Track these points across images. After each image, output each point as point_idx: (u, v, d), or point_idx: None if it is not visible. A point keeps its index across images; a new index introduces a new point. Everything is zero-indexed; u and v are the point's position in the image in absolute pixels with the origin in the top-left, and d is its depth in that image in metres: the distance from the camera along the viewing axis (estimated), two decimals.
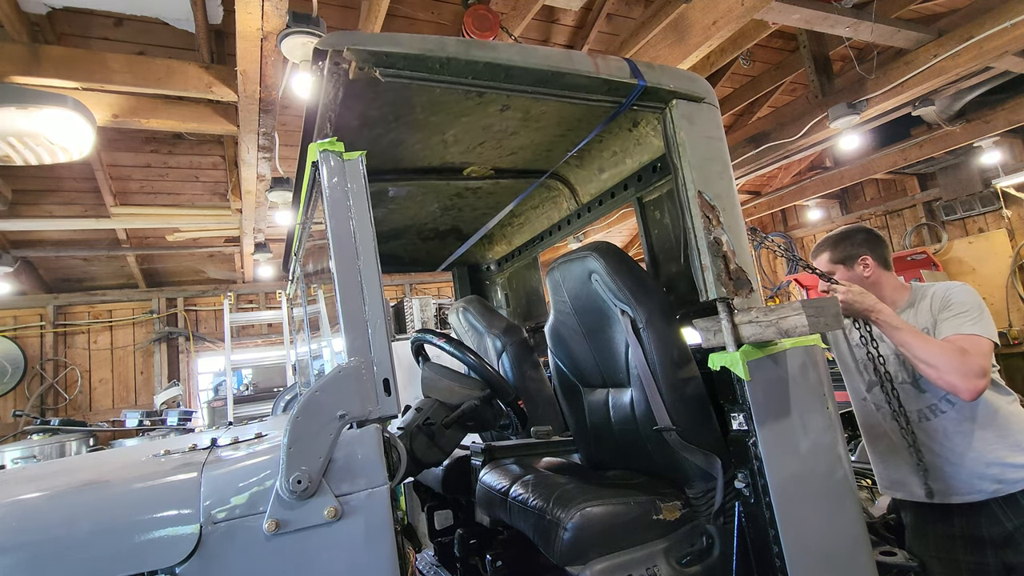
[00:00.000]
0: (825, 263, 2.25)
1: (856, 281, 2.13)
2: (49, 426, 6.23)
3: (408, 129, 2.01)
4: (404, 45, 1.45)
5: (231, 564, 1.25)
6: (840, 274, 2.20)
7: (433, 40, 1.48)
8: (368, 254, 1.40)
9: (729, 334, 1.65)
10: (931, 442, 2.04)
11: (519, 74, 1.59)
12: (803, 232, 9.85)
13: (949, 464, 2.01)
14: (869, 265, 2.18)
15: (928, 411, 2.05)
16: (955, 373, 1.82)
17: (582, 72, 1.64)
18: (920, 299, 2.12)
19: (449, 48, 1.49)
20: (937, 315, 2.03)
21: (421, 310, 6.22)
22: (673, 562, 1.72)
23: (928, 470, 2.03)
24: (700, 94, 1.81)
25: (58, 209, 6.19)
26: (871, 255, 2.19)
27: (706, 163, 1.74)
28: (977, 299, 2.01)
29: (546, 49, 1.65)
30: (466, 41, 1.53)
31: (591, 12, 5.17)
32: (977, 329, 1.92)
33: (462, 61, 1.50)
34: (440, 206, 2.84)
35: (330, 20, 3.83)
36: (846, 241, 2.24)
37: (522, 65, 1.57)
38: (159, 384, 7.71)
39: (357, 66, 1.41)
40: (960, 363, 1.83)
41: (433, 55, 1.47)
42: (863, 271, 2.18)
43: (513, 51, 1.57)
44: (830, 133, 5.72)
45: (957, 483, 2.00)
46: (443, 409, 1.87)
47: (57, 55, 3.61)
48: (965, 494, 1.98)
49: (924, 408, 2.06)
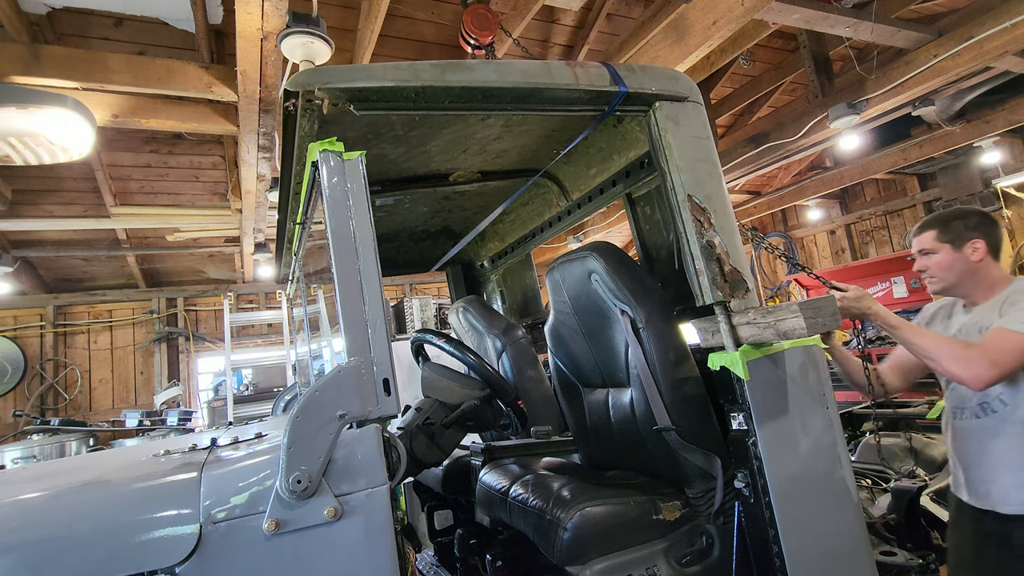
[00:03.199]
0: (931, 240, 2.11)
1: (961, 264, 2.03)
2: (49, 426, 6.23)
3: (389, 144, 2.00)
4: (377, 78, 1.43)
5: (231, 564, 1.25)
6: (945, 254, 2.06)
7: (406, 68, 1.46)
8: (368, 254, 1.40)
9: (727, 336, 1.65)
10: (980, 440, 1.96)
11: (497, 94, 1.57)
12: (803, 232, 9.85)
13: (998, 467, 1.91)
14: (979, 249, 2.03)
15: (979, 409, 1.97)
16: (955, 363, 1.78)
17: (561, 85, 1.62)
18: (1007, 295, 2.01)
19: (423, 75, 1.46)
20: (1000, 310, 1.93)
21: (421, 310, 6.22)
22: (673, 562, 1.72)
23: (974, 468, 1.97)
24: (683, 93, 1.78)
25: (58, 209, 6.19)
26: (985, 240, 2.04)
27: (694, 164, 1.73)
28: None
29: (523, 63, 1.62)
30: (441, 65, 1.50)
31: (591, 12, 5.17)
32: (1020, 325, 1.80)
33: (437, 88, 1.48)
34: (430, 209, 2.84)
35: (330, 20, 3.83)
36: (959, 221, 2.09)
37: (499, 85, 1.55)
38: (159, 384, 7.71)
39: (331, 103, 1.40)
40: (961, 354, 1.78)
41: (408, 85, 1.45)
42: (972, 254, 2.03)
43: (489, 70, 1.55)
44: (830, 133, 5.72)
45: (996, 489, 1.91)
46: (443, 409, 1.87)
47: (57, 55, 3.61)
48: (998, 503, 1.90)
49: (976, 405, 1.97)
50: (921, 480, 2.53)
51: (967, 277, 2.03)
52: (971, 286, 2.04)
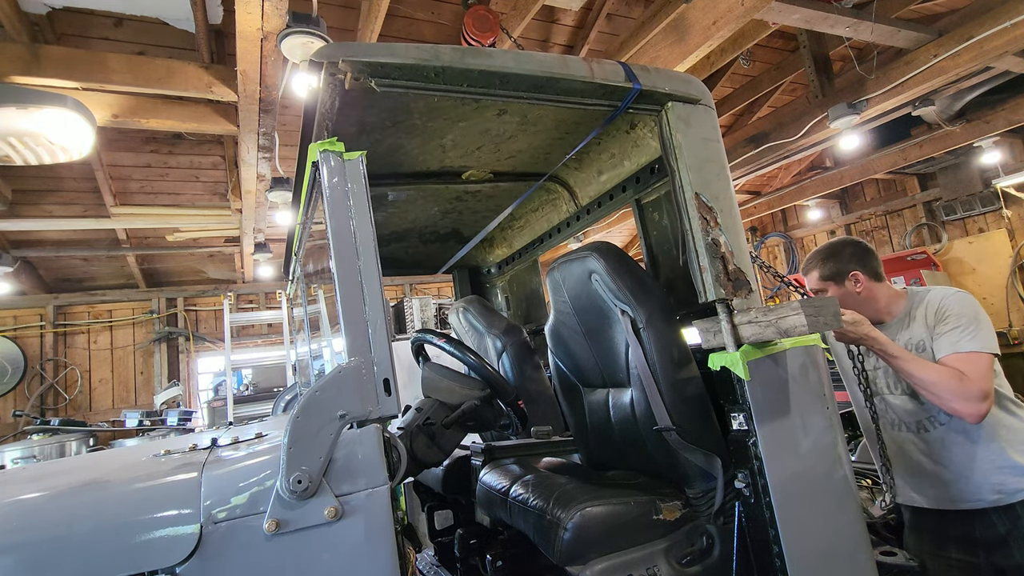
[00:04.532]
0: (816, 281, 2.21)
1: (848, 297, 2.11)
2: (49, 426, 6.23)
3: (406, 134, 2.01)
4: (399, 55, 1.44)
5: (231, 564, 1.25)
6: (831, 291, 2.15)
7: (428, 49, 1.48)
8: (368, 254, 1.40)
9: (729, 335, 1.65)
10: (930, 452, 2.03)
11: (514, 80, 1.58)
12: (803, 232, 9.85)
13: (949, 473, 1.99)
14: (860, 280, 2.13)
15: (927, 422, 2.04)
16: (957, 400, 1.82)
17: (577, 77, 1.63)
18: (916, 306, 2.08)
19: (444, 57, 1.48)
20: (933, 329, 1.99)
21: (421, 310, 6.22)
22: (673, 562, 1.72)
23: (926, 478, 2.02)
24: (696, 96, 1.80)
25: (58, 209, 6.19)
26: (861, 270, 2.14)
27: (703, 164, 1.74)
28: (973, 308, 1.96)
29: (541, 54, 1.65)
30: (461, 49, 1.53)
31: (591, 12, 5.17)
32: (976, 344, 1.88)
33: (457, 69, 1.50)
34: (440, 209, 2.85)
35: (330, 20, 3.83)
36: (834, 258, 2.18)
37: (517, 72, 1.56)
38: (159, 384, 7.71)
39: (353, 76, 1.42)
40: (960, 389, 1.81)
41: (428, 64, 1.47)
42: (854, 287, 2.13)
43: (508, 58, 1.57)
44: (830, 133, 5.72)
45: (955, 491, 1.98)
46: (443, 409, 1.87)
47: (57, 55, 3.61)
48: (962, 502, 1.97)
49: (923, 419, 2.04)
50: None
51: (859, 307, 2.08)
52: (870, 312, 2.10)
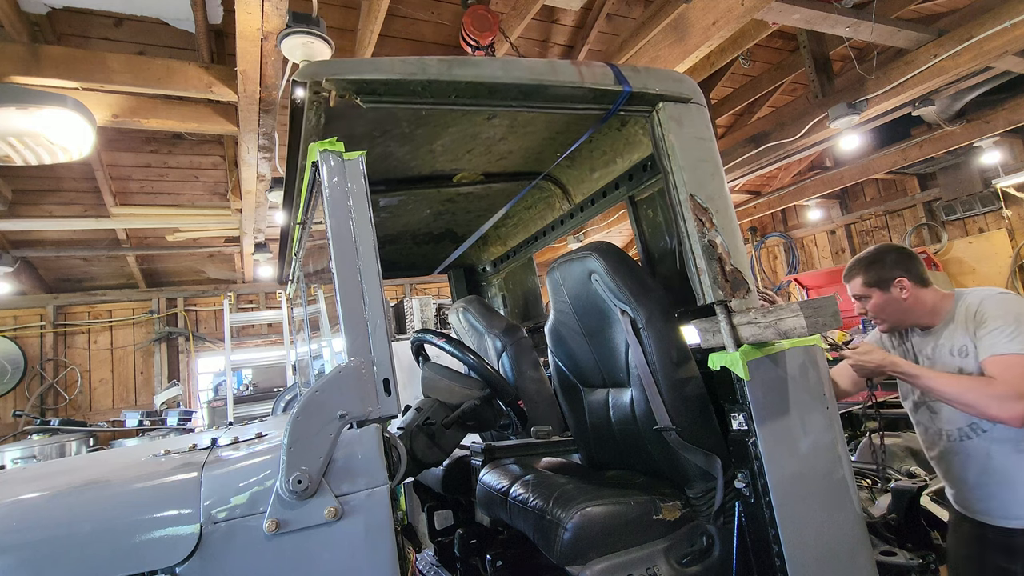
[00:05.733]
0: (859, 287, 2.16)
1: (893, 303, 2.08)
2: (49, 426, 6.23)
3: (395, 142, 2.00)
4: (384, 71, 1.43)
5: (231, 564, 1.25)
6: (876, 297, 2.11)
7: (414, 62, 1.46)
8: (368, 254, 1.40)
9: (728, 336, 1.65)
10: (972, 461, 1.97)
11: (502, 89, 1.57)
12: (803, 232, 9.85)
13: (993, 484, 1.93)
14: (906, 287, 2.07)
15: (968, 429, 1.98)
16: (991, 405, 1.76)
17: (566, 83, 1.62)
18: (959, 309, 2.03)
19: (430, 69, 1.47)
20: (975, 333, 1.94)
21: (421, 310, 6.22)
22: (673, 562, 1.72)
23: (971, 491, 1.98)
24: (687, 95, 1.79)
25: (58, 209, 6.19)
26: (906, 276, 2.08)
27: (697, 165, 1.73)
28: (1014, 309, 1.89)
29: (529, 61, 1.63)
30: (448, 60, 1.51)
31: (591, 12, 5.17)
32: (1015, 346, 1.81)
33: (443, 82, 1.49)
34: (432, 211, 2.84)
35: (330, 20, 3.83)
36: (878, 264, 2.13)
37: (505, 81, 1.55)
38: (159, 384, 7.71)
39: (337, 94, 1.40)
40: (991, 393, 1.76)
41: (415, 79, 1.45)
42: (900, 293, 2.08)
43: (495, 66, 1.55)
44: (830, 133, 5.72)
45: (998, 505, 1.92)
46: (443, 409, 1.87)
47: (57, 55, 3.61)
48: (999, 518, 1.91)
49: (965, 427, 1.99)
50: (921, 480, 2.53)
51: (906, 313, 2.07)
52: (915, 318, 2.08)
